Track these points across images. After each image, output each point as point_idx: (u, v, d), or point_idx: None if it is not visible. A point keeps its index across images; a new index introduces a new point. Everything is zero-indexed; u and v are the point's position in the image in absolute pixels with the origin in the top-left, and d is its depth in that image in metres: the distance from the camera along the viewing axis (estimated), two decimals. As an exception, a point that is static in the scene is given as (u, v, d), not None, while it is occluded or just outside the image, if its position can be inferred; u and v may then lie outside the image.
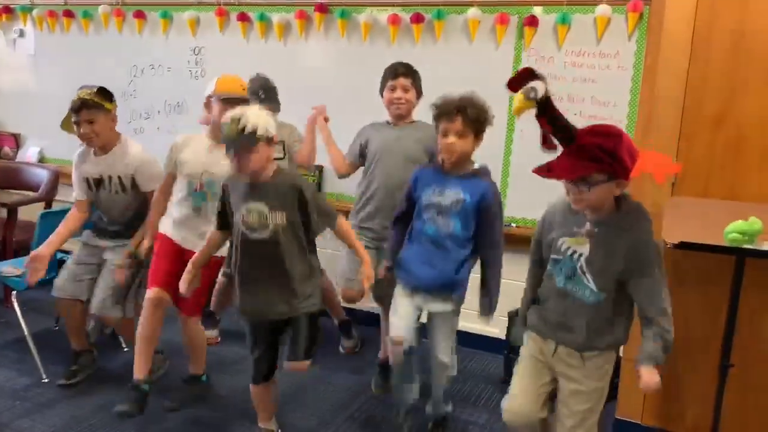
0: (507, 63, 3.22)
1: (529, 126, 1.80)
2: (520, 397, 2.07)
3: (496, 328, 3.28)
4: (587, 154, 1.72)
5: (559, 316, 1.97)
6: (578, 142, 1.74)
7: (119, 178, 2.79)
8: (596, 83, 3.07)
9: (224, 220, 2.27)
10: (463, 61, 3.30)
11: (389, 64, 2.83)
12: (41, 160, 4.49)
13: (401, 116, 2.81)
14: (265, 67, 3.26)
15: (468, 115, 2.25)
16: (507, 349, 3.11)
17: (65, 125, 2.80)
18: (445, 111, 2.28)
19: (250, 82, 3.00)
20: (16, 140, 4.65)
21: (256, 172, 2.13)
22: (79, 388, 2.83)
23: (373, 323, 3.10)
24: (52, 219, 2.76)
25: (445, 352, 2.45)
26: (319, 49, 3.68)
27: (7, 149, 4.64)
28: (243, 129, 2.02)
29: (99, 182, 2.80)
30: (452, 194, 2.33)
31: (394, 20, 3.40)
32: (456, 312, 2.44)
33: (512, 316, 3.03)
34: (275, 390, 2.47)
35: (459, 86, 2.31)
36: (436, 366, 2.47)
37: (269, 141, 2.12)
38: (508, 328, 3.10)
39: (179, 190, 2.68)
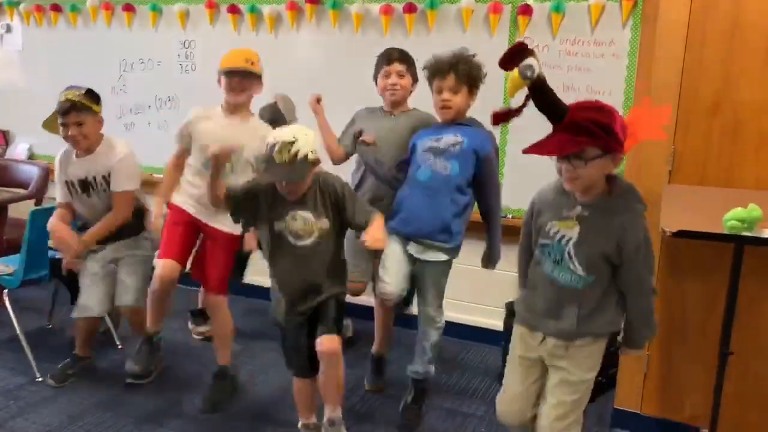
0: (501, 52, 3.15)
1: (525, 115, 1.78)
2: (510, 397, 2.06)
3: (492, 319, 3.27)
4: (581, 129, 1.69)
5: (547, 303, 1.93)
6: (570, 118, 1.70)
7: (103, 177, 2.74)
8: (591, 72, 3.05)
9: (237, 217, 2.23)
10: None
11: (383, 50, 2.77)
12: (31, 157, 4.44)
13: (396, 103, 2.73)
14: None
15: (460, 71, 2.28)
16: (505, 341, 3.08)
17: (49, 126, 2.74)
18: (437, 69, 2.32)
19: (260, 110, 2.98)
20: (5, 137, 4.60)
21: (301, 190, 2.11)
22: (74, 386, 2.80)
23: (367, 316, 3.08)
24: (43, 216, 2.71)
25: (434, 304, 2.46)
26: (311, 41, 3.64)
27: (-5, 146, 4.58)
28: (295, 156, 1.99)
29: (85, 184, 2.75)
30: (450, 138, 2.37)
31: (387, 10, 3.37)
32: (449, 263, 2.45)
33: (509, 308, 3.01)
34: (316, 386, 2.33)
35: None
36: (425, 319, 2.47)
37: (316, 163, 2.09)
38: (506, 320, 3.09)
39: (193, 162, 2.69)
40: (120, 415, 2.59)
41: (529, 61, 1.69)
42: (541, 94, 1.71)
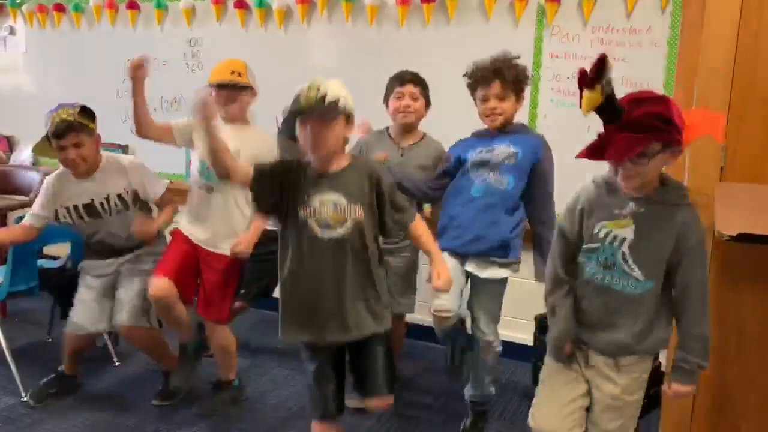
0: (528, 43, 2.96)
1: (553, 111, 1.58)
2: (547, 409, 1.85)
3: (522, 333, 3.02)
4: (642, 126, 1.53)
5: (598, 313, 1.75)
6: (629, 115, 1.54)
7: (118, 196, 2.56)
8: (627, 62, 2.80)
9: (264, 200, 1.87)
10: (479, 43, 3.01)
11: (397, 72, 2.59)
12: (35, 163, 4.29)
13: (408, 126, 2.56)
14: (266, 58, 3.06)
15: (506, 77, 2.10)
16: (535, 357, 2.84)
17: (41, 150, 2.54)
18: (480, 77, 2.13)
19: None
20: (9, 143, 4.45)
21: (330, 156, 1.81)
22: (66, 407, 2.59)
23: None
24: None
25: (491, 328, 2.30)
26: (322, 36, 3.43)
27: (-1, 152, 4.44)
28: (323, 97, 1.72)
29: (93, 209, 2.55)
30: (503, 149, 2.19)
31: (403, 0, 3.14)
32: (506, 281, 2.30)
33: (540, 322, 2.76)
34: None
35: None
36: (482, 346, 2.31)
37: (349, 119, 1.81)
38: (535, 334, 2.84)
39: (192, 173, 2.57)
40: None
41: (611, 74, 1.53)
42: (609, 100, 1.55)
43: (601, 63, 1.51)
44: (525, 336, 2.95)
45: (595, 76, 1.52)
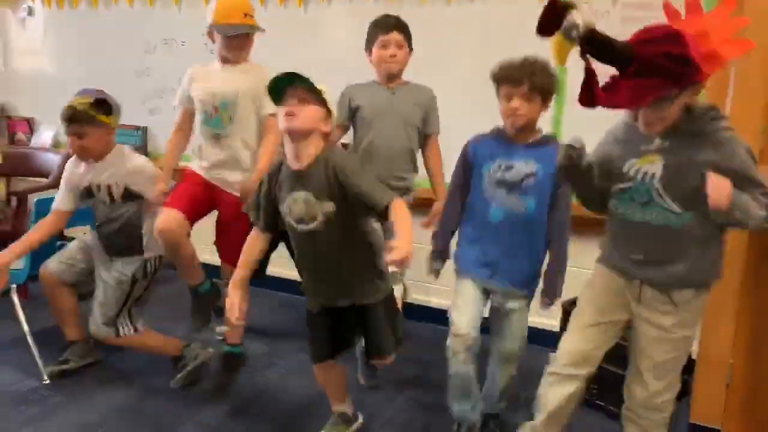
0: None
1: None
2: (572, 349, 1.90)
3: (547, 318, 2.94)
4: (653, 68, 1.47)
5: (646, 248, 1.73)
6: (638, 59, 1.47)
7: (108, 187, 2.49)
8: (659, 40, 2.69)
9: (268, 219, 2.03)
10: (503, 20, 2.94)
11: (377, 17, 2.53)
12: (56, 145, 4.28)
13: (393, 75, 2.51)
14: (285, 37, 3.02)
15: (536, 83, 1.96)
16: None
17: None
18: (510, 77, 1.98)
19: None
20: (30, 125, 4.44)
21: (304, 152, 1.87)
22: (87, 391, 2.58)
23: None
24: (49, 206, 2.51)
25: (515, 343, 2.19)
26: (344, 14, 3.35)
27: (20, 134, 4.43)
28: (295, 73, 1.81)
29: (89, 192, 2.52)
30: (522, 166, 2.03)
31: (426, -23, 3.05)
32: (530, 303, 2.19)
33: (567, 307, 2.70)
34: (343, 371, 2.24)
35: (499, 48, 2.06)
36: (502, 358, 2.21)
37: (324, 104, 1.87)
38: (562, 320, 2.77)
39: (198, 125, 2.58)
40: (139, 423, 2.37)
41: (571, 18, 1.45)
42: (597, 46, 1.47)
43: (549, 7, 1.47)
44: (552, 322, 2.89)
45: (546, 24, 1.48)
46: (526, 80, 1.95)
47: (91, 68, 4.04)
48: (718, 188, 1.51)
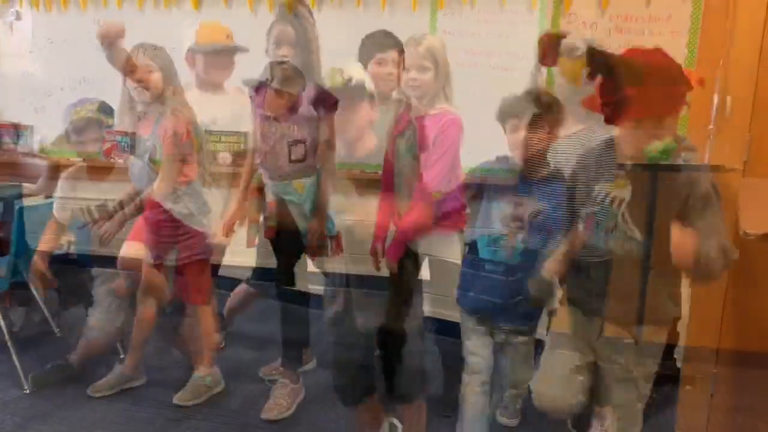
0: (542, 30, 2.87)
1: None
2: (552, 376, 1.88)
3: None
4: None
5: (604, 282, 1.72)
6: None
7: None
8: (646, 51, 2.72)
9: None
10: (493, 30, 2.95)
11: (374, 33, 2.56)
12: (42, 151, 4.25)
13: (387, 93, 2.44)
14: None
15: (541, 109, 1.95)
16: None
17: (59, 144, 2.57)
18: (511, 113, 2.00)
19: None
20: (17, 130, 4.40)
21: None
22: (71, 401, 2.55)
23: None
24: (31, 213, 2.51)
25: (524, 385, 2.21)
26: (332, 22, 3.35)
27: (7, 140, 4.40)
28: (350, 80, 1.83)
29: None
30: (530, 203, 2.02)
31: (416, -15, 3.07)
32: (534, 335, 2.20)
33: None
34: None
35: (489, 59, 2.06)
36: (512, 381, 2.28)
37: (372, 103, 1.88)
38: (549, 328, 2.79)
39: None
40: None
41: (567, 42, 1.57)
42: (606, 66, 1.53)
43: (543, 40, 1.60)
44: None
45: (547, 54, 1.53)
46: (531, 108, 1.94)
47: (81, 73, 4.01)
48: (682, 245, 1.55)
